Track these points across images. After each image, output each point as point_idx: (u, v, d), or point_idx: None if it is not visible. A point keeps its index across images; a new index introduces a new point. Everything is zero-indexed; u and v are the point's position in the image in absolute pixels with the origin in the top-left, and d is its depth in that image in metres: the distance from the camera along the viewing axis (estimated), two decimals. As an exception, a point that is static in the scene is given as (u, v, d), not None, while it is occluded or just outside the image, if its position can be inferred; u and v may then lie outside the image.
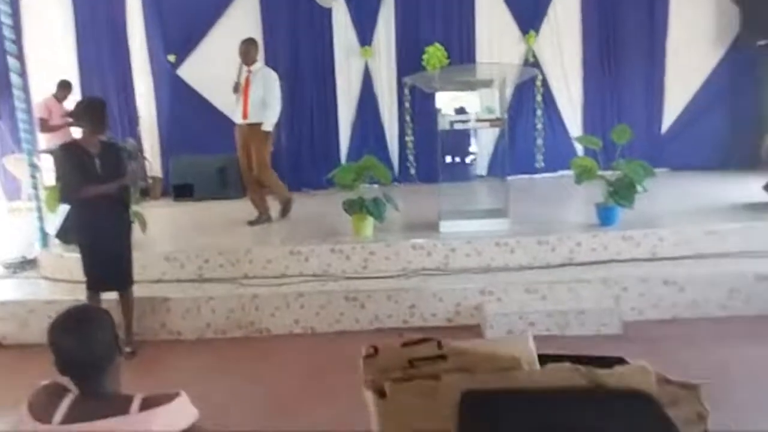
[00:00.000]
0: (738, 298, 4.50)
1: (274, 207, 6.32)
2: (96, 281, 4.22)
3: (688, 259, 4.89)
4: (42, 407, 1.65)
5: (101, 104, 4.20)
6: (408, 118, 8.50)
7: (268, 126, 5.96)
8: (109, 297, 4.28)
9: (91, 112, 4.08)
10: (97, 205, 4.05)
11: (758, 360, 3.77)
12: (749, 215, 5.45)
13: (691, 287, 4.53)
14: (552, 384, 1.71)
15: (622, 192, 5.05)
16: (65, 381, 1.71)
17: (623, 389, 1.68)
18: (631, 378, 1.72)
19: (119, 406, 1.63)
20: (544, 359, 1.80)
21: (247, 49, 5.94)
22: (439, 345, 1.80)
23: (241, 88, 5.87)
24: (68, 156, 4.07)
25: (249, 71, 5.92)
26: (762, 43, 7.77)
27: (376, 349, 1.84)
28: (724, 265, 4.75)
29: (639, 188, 5.08)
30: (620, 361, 1.82)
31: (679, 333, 4.29)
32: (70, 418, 1.62)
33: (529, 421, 1.66)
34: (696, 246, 4.99)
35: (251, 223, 6.09)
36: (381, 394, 1.77)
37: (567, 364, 1.76)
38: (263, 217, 6.15)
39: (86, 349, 1.66)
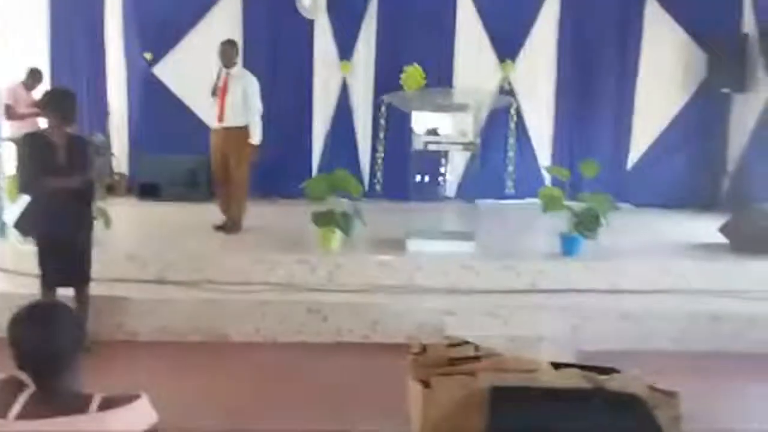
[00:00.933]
0: (691, 335, 4.63)
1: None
2: (52, 277, 4.12)
3: (646, 294, 5.03)
4: None
5: (71, 96, 4.14)
6: (381, 135, 8.55)
7: (256, 139, 5.92)
8: (64, 293, 4.17)
9: (59, 102, 4.01)
10: (59, 199, 3.96)
11: (701, 394, 3.89)
12: (707, 255, 5.64)
13: (647, 321, 4.65)
14: (564, 384, 2.12)
15: (587, 223, 5.18)
16: (23, 376, 1.66)
17: (619, 391, 2.08)
18: (626, 383, 2.14)
19: (78, 404, 1.60)
20: (556, 366, 2.23)
21: (226, 50, 5.87)
22: (476, 348, 2.30)
23: (218, 91, 5.79)
24: (32, 145, 4.00)
25: (228, 74, 5.84)
26: (726, 90, 8.09)
27: (424, 348, 2.28)
28: (678, 301, 4.90)
29: (603, 221, 5.21)
30: (616, 370, 2.27)
31: (633, 365, 4.38)
32: (26, 414, 1.58)
33: (544, 412, 2.04)
34: (654, 281, 5.13)
35: (218, 228, 5.99)
36: (426, 384, 2.15)
37: (576, 370, 2.19)
38: (230, 224, 6.04)
39: (47, 345, 1.63)
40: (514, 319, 4.63)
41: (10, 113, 7.03)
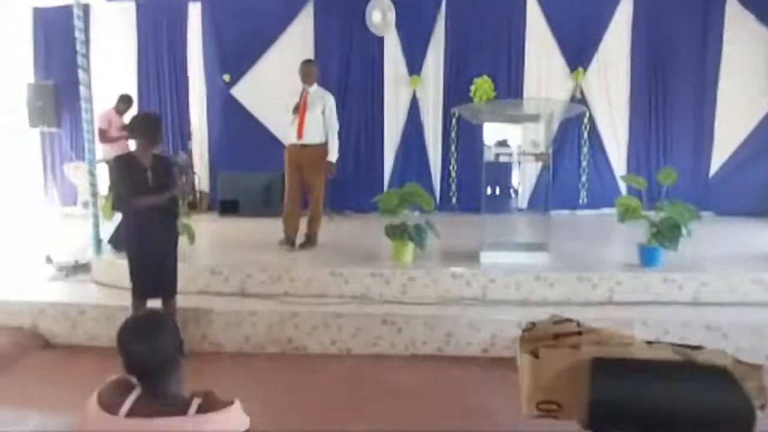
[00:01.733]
0: (784, 350, 4.39)
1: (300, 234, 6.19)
2: (142, 289, 4.36)
3: (732, 306, 4.82)
4: (110, 399, 1.78)
5: (156, 119, 4.41)
6: (453, 147, 8.59)
7: (334, 156, 5.99)
8: (153, 305, 4.40)
9: (145, 126, 4.28)
10: (147, 215, 4.20)
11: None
12: (797, 265, 5.34)
13: (734, 334, 4.45)
14: (657, 357, 2.32)
15: (666, 233, 5.02)
16: (132, 378, 1.82)
17: (708, 364, 2.26)
18: (714, 357, 2.31)
19: (179, 406, 1.74)
20: (650, 342, 2.49)
21: (308, 69, 5.98)
22: (578, 324, 2.55)
23: (299, 108, 5.88)
24: (122, 167, 4.26)
25: (307, 92, 5.94)
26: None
27: (533, 324, 2.56)
28: (769, 314, 4.66)
29: (683, 231, 5.03)
30: (703, 347, 2.44)
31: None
32: (134, 413, 1.74)
33: (640, 381, 2.26)
34: (740, 293, 4.91)
35: (282, 243, 6.05)
36: (535, 355, 2.42)
37: (667, 345, 2.42)
38: (290, 241, 6.06)
39: (153, 354, 1.79)
40: (592, 331, 4.53)
41: (104, 137, 7.53)
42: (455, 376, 4.35)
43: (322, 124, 5.93)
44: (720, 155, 8.39)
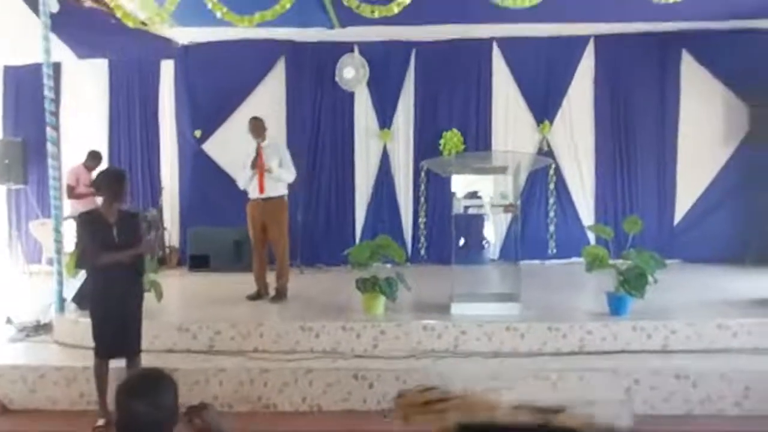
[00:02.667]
0: (753, 397, 4.42)
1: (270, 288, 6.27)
2: (105, 348, 4.23)
3: (700, 353, 4.86)
4: None
5: (120, 175, 4.36)
6: (422, 200, 8.69)
7: (285, 188, 6.18)
8: (116, 365, 4.28)
9: (109, 182, 4.25)
10: (111, 273, 4.12)
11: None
12: (763, 311, 5.42)
13: (703, 383, 4.47)
14: (518, 421, 2.39)
15: (633, 282, 5.09)
16: None
17: (564, 427, 2.33)
18: (570, 419, 2.37)
19: None
20: (517, 406, 2.47)
21: (259, 125, 6.14)
22: (445, 391, 2.55)
23: (256, 163, 6.02)
24: (87, 224, 4.22)
25: (261, 146, 6.08)
26: (772, 141, 7.95)
27: (404, 392, 2.63)
28: (737, 361, 4.70)
29: (650, 279, 5.11)
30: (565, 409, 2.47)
31: (693, 430, 4.21)
32: None
33: None
34: (708, 340, 4.96)
35: (250, 297, 6.12)
36: (406, 420, 2.51)
37: (533, 406, 2.42)
38: (263, 293, 6.17)
39: (151, 414, 1.73)
40: (563, 382, 4.51)
41: (71, 193, 7.45)
42: (428, 428, 4.26)
43: (278, 173, 6.06)
44: (684, 203, 8.62)
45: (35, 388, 4.78)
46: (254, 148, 6.10)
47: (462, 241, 6.16)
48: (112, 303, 4.17)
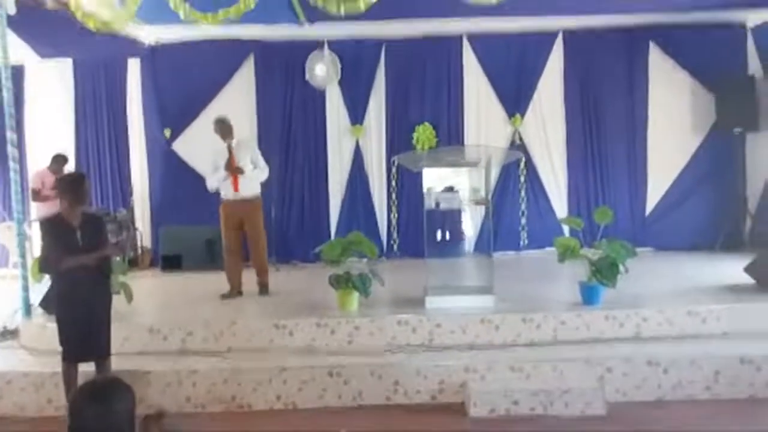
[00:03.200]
0: (723, 381, 4.49)
1: (250, 283, 6.28)
2: (72, 352, 4.15)
3: (672, 340, 4.92)
4: None
5: (81, 178, 4.30)
6: (395, 195, 8.68)
7: (258, 187, 6.15)
8: (86, 369, 4.20)
9: (71, 185, 4.18)
10: (76, 276, 4.04)
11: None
12: (732, 296, 5.53)
13: (674, 369, 4.52)
14: None
15: (605, 271, 5.13)
16: None
17: None
18: None
19: None
20: None
21: (225, 126, 6.11)
22: None
23: (228, 163, 5.98)
24: (50, 228, 4.15)
25: (231, 146, 6.07)
26: (738, 130, 8.10)
27: None
28: (707, 346, 4.77)
29: (621, 268, 5.15)
30: None
31: (665, 415, 4.26)
32: None
33: None
34: (678, 326, 5.02)
35: (224, 296, 6.08)
36: None
37: None
38: (235, 292, 6.15)
39: (103, 420, 1.69)
40: (538, 372, 4.54)
41: (37, 196, 7.29)
42: (404, 424, 4.26)
43: (252, 172, 6.05)
44: (655, 193, 8.74)
45: (2, 395, 4.66)
46: (225, 148, 6.06)
47: (435, 235, 6.16)
48: (78, 306, 4.09)
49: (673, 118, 8.61)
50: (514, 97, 8.74)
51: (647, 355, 4.60)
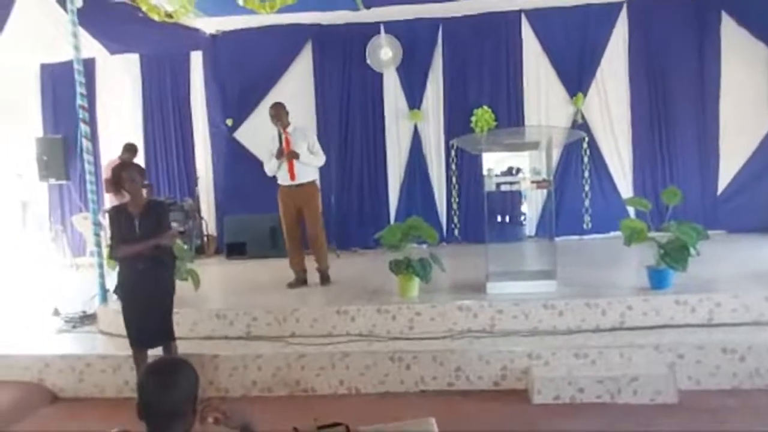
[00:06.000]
0: (804, 369, 4.26)
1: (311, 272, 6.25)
2: (134, 338, 4.29)
3: (748, 326, 4.69)
4: None
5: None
6: (454, 179, 8.60)
7: (316, 173, 6.14)
8: (158, 352, 4.35)
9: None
10: (133, 264, 4.15)
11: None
12: (812, 280, 5.23)
13: (752, 356, 4.32)
14: None
15: (674, 255, 4.93)
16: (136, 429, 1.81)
17: None
18: None
19: None
20: None
21: (277, 112, 5.98)
22: (348, 429, 2.34)
23: (283, 152, 5.92)
24: (112, 218, 4.28)
25: (287, 134, 5.96)
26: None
27: (297, 430, 2.33)
28: (787, 332, 4.53)
29: (692, 251, 4.94)
30: None
31: (741, 405, 4.08)
32: None
33: None
34: (756, 312, 4.79)
35: (291, 285, 6.08)
36: None
37: None
38: (301, 280, 6.14)
39: (165, 398, 1.77)
40: (604, 359, 4.43)
41: (109, 187, 7.59)
42: (467, 410, 4.25)
43: (307, 158, 5.99)
44: (727, 172, 8.33)
45: (83, 377, 4.92)
46: (276, 135, 6.00)
47: (496, 219, 6.06)
48: (136, 294, 4.20)
49: (748, 92, 8.16)
50: (576, 75, 8.48)
51: (721, 342, 4.41)
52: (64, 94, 8.78)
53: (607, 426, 3.87)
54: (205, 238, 9.05)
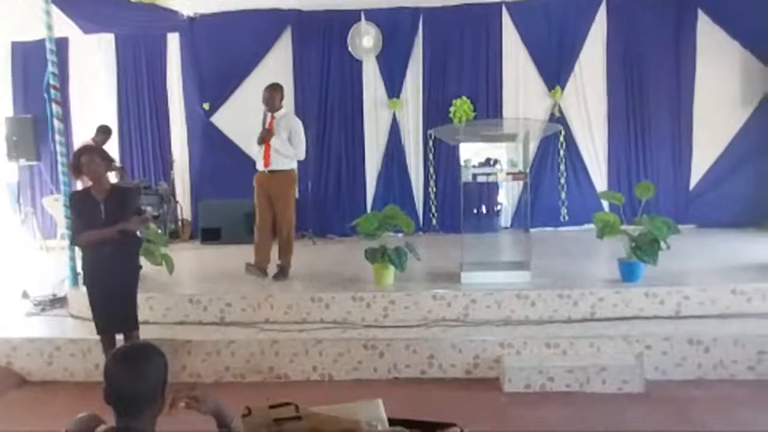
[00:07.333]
0: (767, 361, 4.38)
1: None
2: (100, 324, 4.22)
3: (714, 319, 4.80)
4: None
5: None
6: (432, 169, 8.63)
7: (293, 163, 5.86)
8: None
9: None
10: (97, 250, 4.04)
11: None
12: (779, 275, 5.36)
13: (717, 348, 4.43)
14: None
15: (645, 248, 5.02)
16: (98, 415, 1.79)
17: None
18: None
19: None
20: (393, 423, 2.29)
21: (272, 95, 5.78)
22: (297, 408, 2.24)
23: (264, 139, 5.72)
24: (74, 202, 4.20)
25: (273, 117, 5.78)
26: (790, 102, 7.77)
27: (249, 410, 2.24)
28: (751, 325, 4.64)
29: (662, 245, 5.04)
30: (451, 425, 2.33)
31: (705, 395, 4.19)
32: None
33: None
34: (722, 305, 4.90)
35: (248, 267, 5.75)
36: None
37: (399, 428, 2.24)
38: (261, 268, 5.78)
39: (134, 384, 1.74)
40: (574, 349, 4.50)
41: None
42: (438, 398, 4.29)
43: (289, 149, 5.76)
44: (700, 168, 8.48)
45: (52, 361, 4.86)
46: (263, 120, 5.79)
47: (472, 210, 6.10)
48: (101, 280, 4.11)
49: (721, 90, 8.30)
50: (555, 68, 8.54)
51: (688, 333, 4.51)
52: (36, 73, 8.58)
53: (576, 414, 3.94)
54: (180, 223, 8.96)
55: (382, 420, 2.23)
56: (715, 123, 8.30)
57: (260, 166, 5.86)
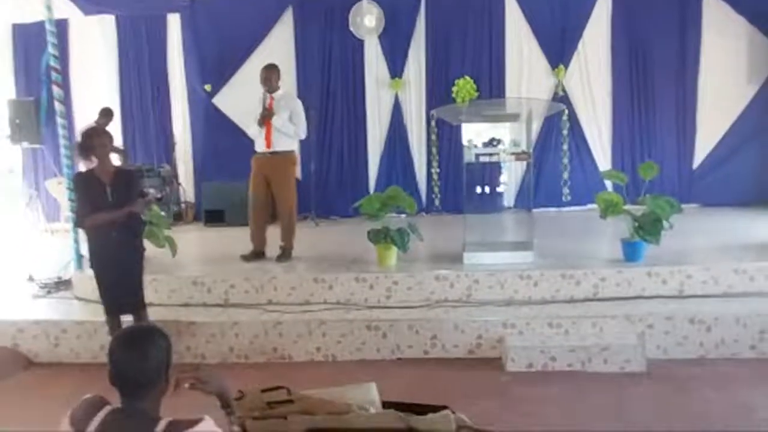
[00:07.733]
0: (768, 340, 4.39)
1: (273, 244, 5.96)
2: (109, 305, 4.26)
3: (716, 298, 4.82)
4: (81, 417, 1.76)
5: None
6: (434, 149, 8.59)
7: (294, 144, 5.88)
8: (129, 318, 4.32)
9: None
10: (105, 232, 4.07)
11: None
12: (781, 254, 5.35)
13: (718, 327, 4.44)
14: (375, 425, 2.21)
15: (648, 228, 5.01)
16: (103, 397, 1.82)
17: (426, 430, 2.20)
18: (436, 423, 2.22)
19: (145, 426, 1.71)
20: (387, 405, 2.34)
21: (269, 75, 5.72)
22: (289, 392, 2.29)
23: (264, 120, 5.68)
24: (80, 185, 4.18)
25: (272, 98, 5.73)
26: (797, 80, 7.69)
27: (242, 393, 2.25)
28: (753, 304, 4.66)
29: (665, 224, 5.03)
30: (443, 408, 2.36)
31: (706, 374, 4.21)
32: (101, 429, 1.72)
33: None
34: (724, 284, 4.91)
35: (245, 258, 5.82)
36: (244, 429, 2.16)
37: (391, 411, 2.27)
38: (258, 253, 5.85)
39: (137, 366, 1.76)
40: (576, 328, 4.52)
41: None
42: (441, 378, 4.32)
43: (284, 126, 5.71)
44: (703, 147, 8.43)
45: (58, 343, 4.91)
46: (262, 101, 5.73)
47: (475, 190, 6.09)
48: (108, 261, 4.14)
49: (727, 67, 8.22)
50: (558, 47, 8.46)
51: (690, 313, 4.52)
52: (38, 55, 8.59)
53: (577, 393, 3.97)
54: (183, 205, 8.97)
55: (375, 403, 2.27)
56: (720, 101, 8.23)
57: (261, 147, 5.82)
